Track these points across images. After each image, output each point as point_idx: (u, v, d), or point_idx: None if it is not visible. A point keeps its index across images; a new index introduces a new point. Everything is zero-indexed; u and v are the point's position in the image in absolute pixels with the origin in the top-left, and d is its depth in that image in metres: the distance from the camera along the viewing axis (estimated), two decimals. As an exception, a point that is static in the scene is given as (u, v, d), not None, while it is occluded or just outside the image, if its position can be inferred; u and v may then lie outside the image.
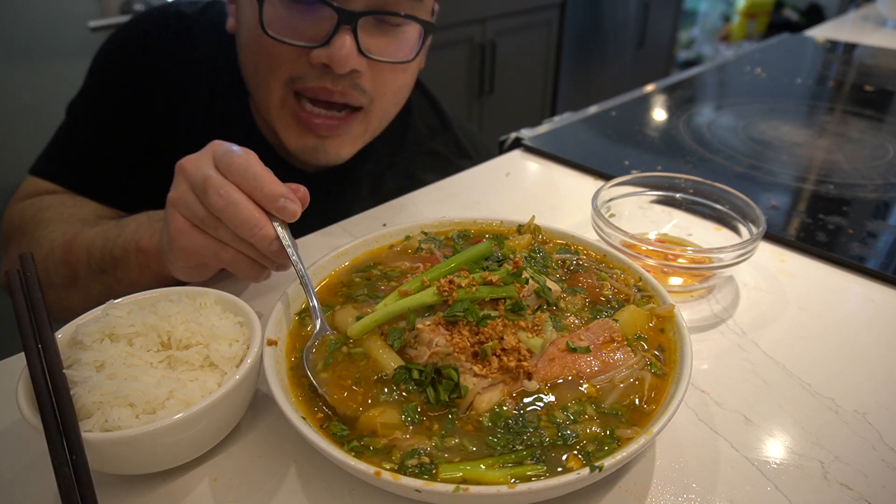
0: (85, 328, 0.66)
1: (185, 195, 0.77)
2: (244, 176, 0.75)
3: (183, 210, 0.78)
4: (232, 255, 0.79)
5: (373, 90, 1.06)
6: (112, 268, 0.98)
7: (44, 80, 2.14)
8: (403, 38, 1.05)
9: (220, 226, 0.76)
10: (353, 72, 1.00)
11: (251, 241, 0.76)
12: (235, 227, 0.75)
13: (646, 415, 0.64)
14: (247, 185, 0.75)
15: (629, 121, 1.67)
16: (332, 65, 0.97)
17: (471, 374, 0.64)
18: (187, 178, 0.78)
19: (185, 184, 0.78)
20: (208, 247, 0.79)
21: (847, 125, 1.67)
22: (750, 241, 0.89)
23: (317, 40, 0.97)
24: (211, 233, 0.78)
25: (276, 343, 0.71)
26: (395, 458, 0.59)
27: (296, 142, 1.10)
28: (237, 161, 0.75)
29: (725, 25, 6.40)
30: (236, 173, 0.75)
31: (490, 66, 3.22)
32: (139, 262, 0.94)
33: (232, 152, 0.77)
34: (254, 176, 0.75)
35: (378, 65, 1.04)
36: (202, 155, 0.79)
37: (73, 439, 0.56)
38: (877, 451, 0.69)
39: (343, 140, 1.11)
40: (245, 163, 0.75)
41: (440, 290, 0.71)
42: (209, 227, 0.77)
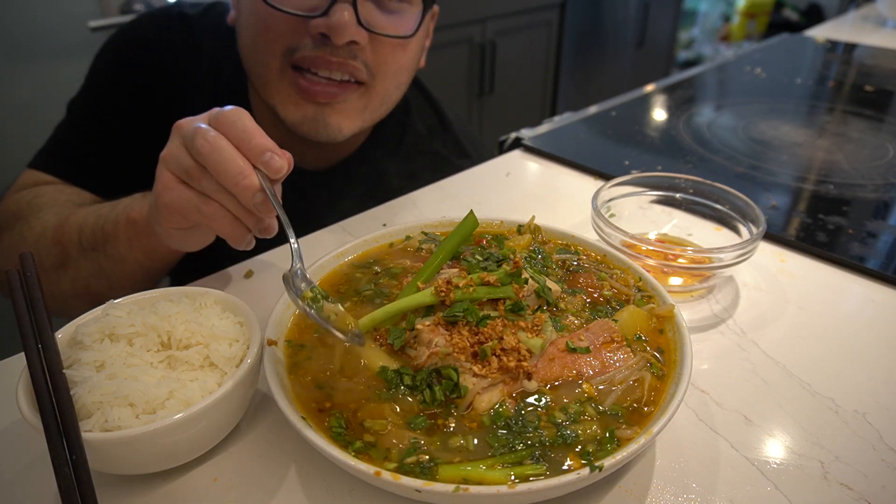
0: (85, 328, 0.66)
1: (176, 149, 0.77)
2: (233, 127, 0.74)
3: (171, 165, 0.78)
4: (214, 208, 0.77)
5: (374, 66, 1.06)
6: (102, 243, 0.98)
7: (44, 80, 2.14)
8: (404, 16, 1.06)
9: (204, 175, 0.75)
10: (353, 43, 1.00)
11: (234, 191, 0.74)
12: (219, 173, 0.73)
13: (645, 415, 0.64)
14: (235, 135, 0.74)
15: (629, 121, 1.67)
16: (331, 34, 0.97)
17: (470, 374, 0.64)
18: (180, 133, 0.77)
19: (177, 139, 0.78)
20: (190, 200, 0.77)
21: (847, 125, 1.67)
22: (750, 241, 0.89)
23: (316, 10, 0.97)
24: (195, 185, 0.77)
25: (276, 343, 0.71)
26: (395, 457, 0.59)
27: (294, 112, 1.09)
28: (228, 113, 0.75)
29: (725, 25, 6.40)
30: (226, 123, 0.75)
31: (490, 66, 3.22)
32: (128, 234, 0.94)
33: (225, 108, 0.77)
34: (243, 128, 0.74)
35: (378, 41, 1.04)
36: (199, 116, 0.79)
37: (73, 439, 0.56)
38: (877, 451, 0.69)
39: (343, 111, 1.10)
40: (235, 115, 0.75)
41: (437, 290, 0.71)
42: (194, 178, 0.76)
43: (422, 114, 1.42)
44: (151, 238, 0.91)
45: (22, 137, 2.10)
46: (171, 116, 1.21)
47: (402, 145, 1.36)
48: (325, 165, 1.30)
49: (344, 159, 1.31)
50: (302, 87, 1.06)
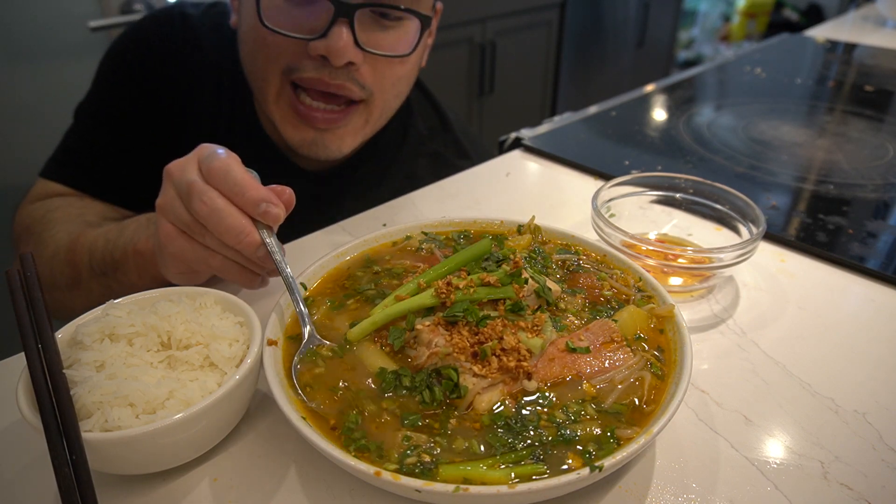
0: (85, 328, 0.66)
1: (172, 201, 0.77)
2: (225, 181, 0.74)
3: (170, 216, 0.78)
4: (220, 261, 0.79)
5: (372, 84, 1.06)
6: (112, 270, 0.98)
7: (44, 80, 2.14)
8: (402, 33, 1.05)
9: (206, 233, 0.76)
10: (350, 64, 1.00)
11: (237, 248, 0.75)
12: (220, 234, 0.74)
13: (646, 415, 0.64)
14: (228, 190, 0.74)
15: (629, 121, 1.67)
16: (330, 56, 0.97)
17: (470, 375, 0.64)
18: (173, 183, 0.77)
19: (171, 189, 0.78)
20: (196, 253, 0.79)
21: (847, 125, 1.67)
22: (750, 241, 0.89)
23: (314, 33, 0.97)
24: (198, 239, 0.78)
25: (276, 343, 0.71)
26: (395, 457, 0.59)
27: (293, 134, 1.10)
28: (217, 165, 0.75)
29: (725, 25, 6.40)
30: (217, 178, 0.75)
31: (490, 66, 3.22)
32: (137, 264, 0.94)
33: (214, 156, 0.76)
34: (234, 181, 0.74)
35: (376, 58, 1.04)
36: (188, 159, 0.78)
37: (73, 439, 0.56)
38: (877, 451, 0.69)
39: (343, 133, 1.10)
40: (225, 167, 0.75)
41: (438, 292, 0.71)
42: (196, 233, 0.77)
43: (423, 114, 1.42)
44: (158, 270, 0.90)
45: (22, 137, 2.10)
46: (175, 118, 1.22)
47: (403, 146, 1.37)
48: (327, 167, 1.30)
49: (346, 161, 1.31)
50: (301, 113, 1.06)
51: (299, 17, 0.98)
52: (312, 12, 0.97)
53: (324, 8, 0.96)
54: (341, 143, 1.11)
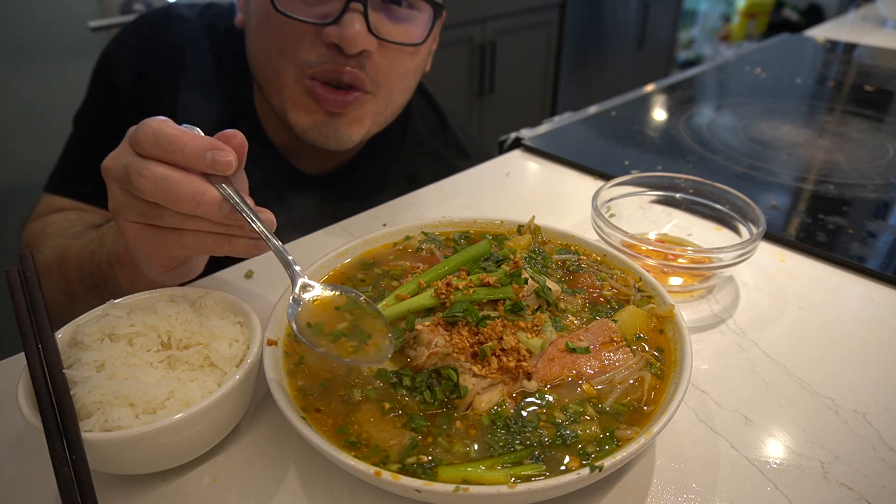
0: (85, 328, 0.67)
1: (120, 196, 0.70)
2: (157, 145, 0.66)
3: (124, 214, 0.71)
4: (193, 238, 0.71)
5: (382, 72, 1.06)
6: (102, 282, 0.94)
7: (44, 80, 2.14)
8: (414, 24, 1.06)
9: (163, 211, 0.68)
10: (363, 52, 1.00)
11: (199, 214, 0.67)
12: (174, 204, 0.66)
13: (645, 415, 0.64)
14: (165, 153, 0.66)
15: (629, 121, 1.67)
16: (343, 44, 0.97)
17: (470, 375, 0.64)
18: (113, 177, 0.70)
19: (114, 185, 0.71)
20: (166, 240, 0.71)
21: (847, 125, 1.67)
22: (750, 241, 0.89)
23: (327, 18, 0.97)
24: (160, 223, 0.70)
25: (276, 343, 0.71)
26: (395, 457, 0.59)
27: (305, 119, 1.08)
28: (143, 133, 0.66)
29: (725, 25, 6.39)
30: (148, 146, 0.66)
31: (490, 66, 3.22)
32: (124, 275, 0.90)
33: (139, 127, 0.67)
34: (167, 141, 0.66)
35: (387, 48, 1.04)
36: (120, 147, 0.71)
37: (73, 439, 0.56)
38: (877, 451, 0.69)
39: (352, 119, 1.09)
40: (152, 131, 0.66)
41: (437, 292, 0.71)
42: (155, 218, 0.69)
43: (423, 115, 1.42)
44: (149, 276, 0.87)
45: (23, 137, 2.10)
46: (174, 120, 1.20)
47: (403, 147, 1.36)
48: (326, 169, 1.30)
49: (346, 163, 1.30)
50: (316, 95, 1.05)
51: (312, 3, 0.98)
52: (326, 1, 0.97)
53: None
54: (350, 130, 1.10)
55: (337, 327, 0.68)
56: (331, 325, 0.68)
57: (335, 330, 0.68)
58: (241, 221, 0.69)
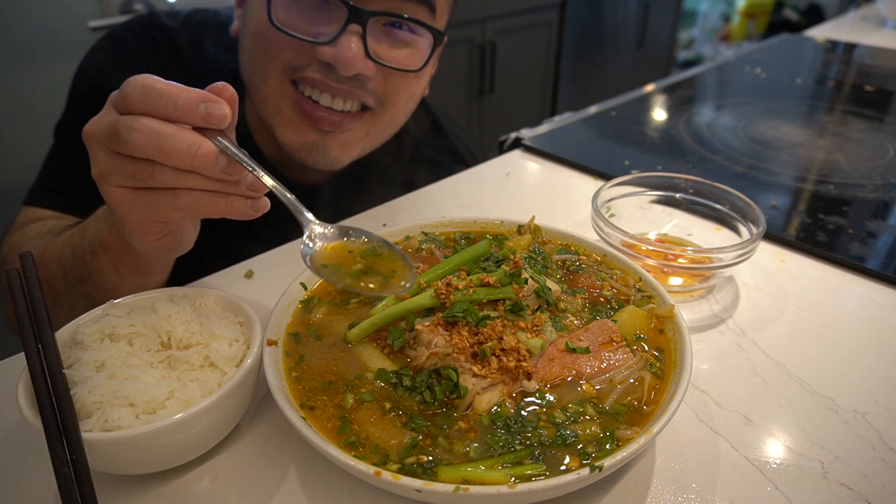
0: (85, 328, 0.66)
1: (106, 159, 0.66)
2: (147, 99, 0.63)
3: (114, 179, 0.67)
4: (188, 197, 0.67)
5: (384, 95, 1.03)
6: (87, 275, 0.90)
7: (44, 79, 2.14)
8: (413, 49, 1.02)
9: (155, 168, 0.64)
10: (359, 75, 0.97)
11: (195, 168, 0.64)
12: (169, 159, 0.63)
13: (645, 415, 0.64)
14: (156, 107, 0.63)
15: (629, 121, 1.67)
16: (338, 65, 0.94)
17: (470, 375, 0.64)
18: (97, 140, 0.67)
19: (98, 149, 0.67)
20: (158, 202, 0.67)
21: (847, 125, 1.67)
22: (750, 241, 0.89)
23: (323, 37, 0.94)
24: (153, 184, 0.66)
25: (276, 343, 0.71)
26: (395, 457, 0.59)
27: (294, 138, 1.04)
28: (131, 88, 0.63)
29: (725, 25, 6.39)
30: (138, 101, 0.63)
31: (490, 66, 3.22)
32: (111, 260, 0.86)
33: (124, 85, 0.64)
34: (158, 94, 0.63)
35: (389, 71, 1.00)
36: (102, 111, 0.68)
37: (73, 439, 0.56)
38: (877, 451, 0.69)
39: (345, 141, 1.06)
40: (140, 85, 0.63)
41: (437, 292, 0.71)
42: (146, 178, 0.65)
43: (417, 121, 1.39)
44: (136, 259, 0.83)
45: (22, 137, 2.10)
46: None
47: (399, 153, 1.34)
48: (320, 181, 1.28)
49: (339, 173, 1.28)
50: (305, 111, 1.01)
51: (310, 19, 0.95)
52: (325, 16, 0.94)
53: (337, 14, 0.93)
54: (341, 152, 1.07)
55: (354, 268, 0.67)
56: (348, 266, 0.68)
57: (353, 270, 0.67)
58: (237, 176, 0.66)
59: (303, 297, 0.80)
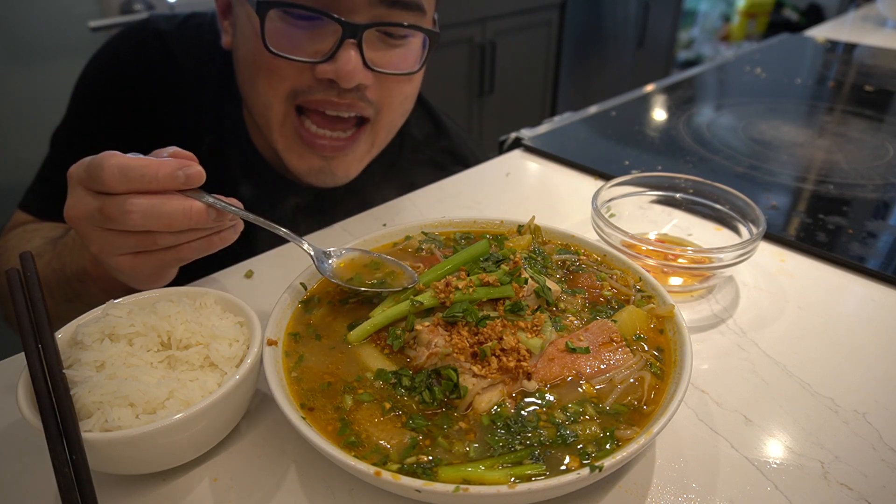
0: (85, 328, 0.66)
1: (102, 238, 0.73)
2: (128, 179, 0.68)
3: (115, 252, 0.74)
4: (188, 249, 0.75)
5: (379, 101, 1.03)
6: (76, 296, 0.94)
7: (44, 79, 2.14)
8: (408, 50, 1.02)
9: (156, 237, 0.72)
10: (360, 85, 0.97)
11: (192, 227, 0.72)
12: (169, 227, 0.70)
13: (645, 415, 0.64)
14: (138, 185, 0.69)
15: (629, 121, 1.67)
16: (339, 80, 0.94)
17: (470, 375, 0.64)
18: (88, 223, 0.73)
19: (91, 230, 0.73)
20: (165, 259, 0.76)
21: (847, 125, 1.67)
22: (750, 241, 0.89)
23: (321, 55, 0.94)
24: (154, 248, 0.74)
25: (276, 343, 0.71)
26: (395, 457, 0.59)
27: (299, 164, 1.06)
28: (108, 173, 0.68)
29: (725, 25, 6.40)
30: (119, 183, 0.68)
31: (490, 66, 3.22)
32: (99, 287, 0.91)
33: (94, 168, 0.69)
34: (139, 173, 0.68)
35: (383, 76, 1.01)
36: (73, 195, 0.73)
37: (73, 439, 0.56)
38: (877, 451, 0.69)
39: (350, 160, 1.07)
40: (116, 168, 0.68)
41: (437, 293, 0.71)
42: (149, 245, 0.73)
43: (418, 121, 1.39)
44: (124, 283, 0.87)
45: (22, 137, 2.10)
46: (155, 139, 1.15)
47: (400, 154, 1.34)
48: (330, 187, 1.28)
49: None
50: (306, 140, 1.02)
51: (305, 40, 0.94)
52: (318, 35, 0.94)
53: (330, 30, 0.93)
54: (348, 170, 1.08)
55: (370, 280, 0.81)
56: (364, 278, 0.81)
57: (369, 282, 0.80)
58: (226, 218, 0.75)
59: (303, 297, 0.80)
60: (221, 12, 1.08)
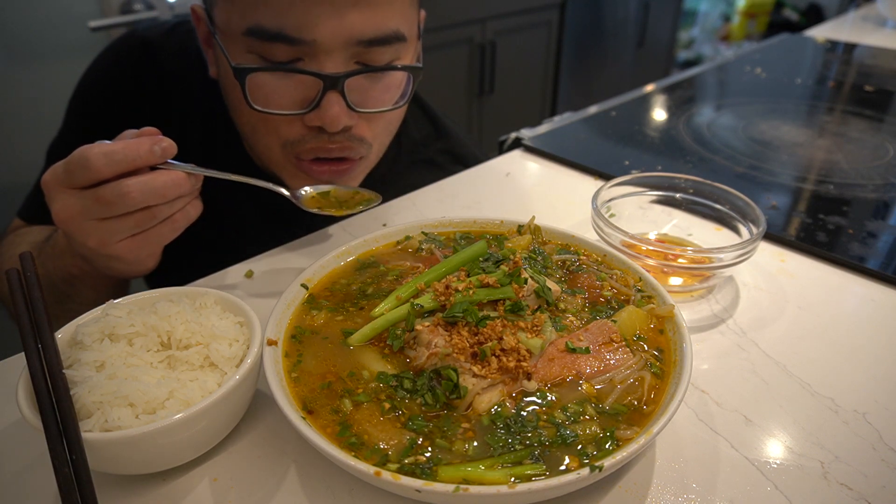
0: (85, 328, 0.66)
1: (100, 229, 0.77)
2: (114, 163, 0.73)
3: (115, 239, 0.78)
4: (181, 216, 0.82)
5: (371, 137, 1.03)
6: (66, 297, 0.98)
7: (44, 79, 2.14)
8: (390, 81, 1.01)
9: (154, 211, 0.77)
10: (346, 126, 0.97)
11: (185, 191, 0.78)
12: (165, 197, 0.76)
13: (645, 415, 0.64)
14: (124, 166, 0.74)
15: (629, 121, 1.67)
16: (325, 126, 0.94)
17: (470, 375, 0.64)
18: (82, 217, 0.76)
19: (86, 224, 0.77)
20: (162, 234, 0.80)
21: (847, 125, 1.67)
22: (750, 241, 0.89)
23: (306, 104, 0.94)
24: (154, 223, 0.79)
25: (276, 343, 0.71)
26: (395, 457, 0.59)
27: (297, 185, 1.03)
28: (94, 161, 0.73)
29: (725, 25, 6.39)
30: (106, 168, 0.73)
31: (490, 66, 3.22)
32: (88, 285, 0.94)
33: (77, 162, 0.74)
34: (121, 156, 0.73)
35: None
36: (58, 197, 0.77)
37: (73, 439, 0.56)
38: (877, 451, 0.69)
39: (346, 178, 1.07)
40: (102, 155, 0.73)
41: (437, 295, 0.71)
42: (149, 221, 0.78)
43: (416, 122, 1.39)
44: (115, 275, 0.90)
45: (22, 137, 2.10)
46: None
47: (399, 156, 1.33)
48: None
49: None
50: (310, 171, 1.03)
51: (288, 91, 0.94)
52: (301, 84, 0.93)
53: (312, 81, 0.92)
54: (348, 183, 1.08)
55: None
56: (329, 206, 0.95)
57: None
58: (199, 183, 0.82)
59: (303, 298, 0.80)
60: (204, 42, 1.06)
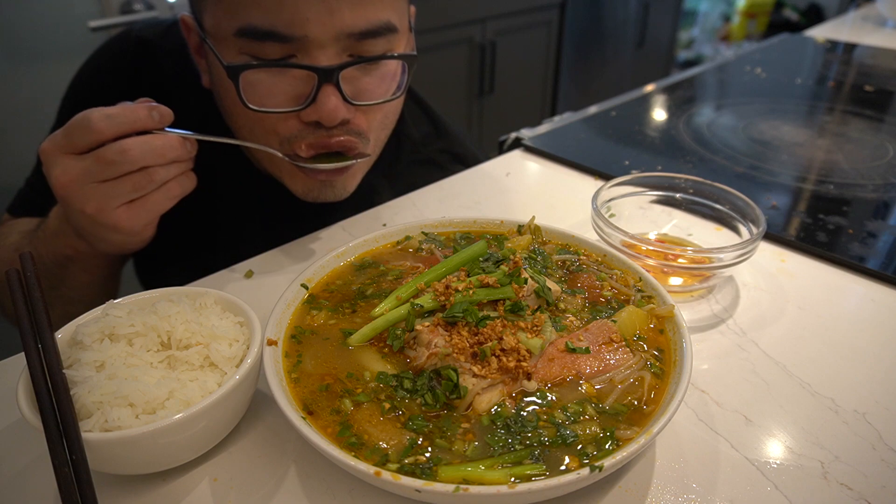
0: (85, 328, 0.66)
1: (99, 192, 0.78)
2: (116, 124, 0.76)
3: (113, 203, 0.79)
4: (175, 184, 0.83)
5: (366, 128, 1.02)
6: (59, 282, 0.99)
7: (44, 79, 2.13)
8: (385, 71, 1.00)
9: (151, 171, 0.79)
10: (344, 119, 0.96)
11: (178, 157, 0.81)
12: (163, 157, 0.78)
13: (645, 415, 0.64)
14: (124, 127, 0.77)
15: (629, 121, 1.67)
16: (322, 121, 0.94)
17: (470, 375, 0.64)
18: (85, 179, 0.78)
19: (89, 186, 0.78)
20: (157, 201, 0.82)
21: (847, 125, 1.67)
22: (750, 241, 0.89)
23: (302, 100, 0.93)
24: (152, 187, 0.80)
25: (276, 343, 0.71)
26: (395, 457, 0.59)
27: (300, 187, 1.05)
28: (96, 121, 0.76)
29: (725, 25, 6.40)
30: (109, 129, 0.76)
31: (490, 66, 3.22)
32: (81, 266, 0.96)
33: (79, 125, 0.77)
34: (122, 117, 0.76)
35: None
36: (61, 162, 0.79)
37: (73, 439, 0.56)
38: (877, 450, 0.69)
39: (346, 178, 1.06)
40: (103, 115, 0.76)
41: (437, 295, 0.71)
42: (146, 184, 0.79)
43: (416, 122, 1.38)
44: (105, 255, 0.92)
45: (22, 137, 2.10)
46: None
47: (399, 155, 1.33)
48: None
49: None
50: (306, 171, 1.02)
51: (283, 88, 0.93)
52: (295, 80, 0.92)
53: (306, 75, 0.92)
54: (345, 185, 1.07)
55: None
56: None
57: None
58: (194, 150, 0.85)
59: (303, 298, 0.80)
60: (195, 51, 1.05)
